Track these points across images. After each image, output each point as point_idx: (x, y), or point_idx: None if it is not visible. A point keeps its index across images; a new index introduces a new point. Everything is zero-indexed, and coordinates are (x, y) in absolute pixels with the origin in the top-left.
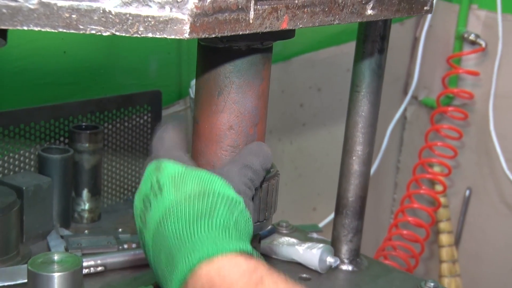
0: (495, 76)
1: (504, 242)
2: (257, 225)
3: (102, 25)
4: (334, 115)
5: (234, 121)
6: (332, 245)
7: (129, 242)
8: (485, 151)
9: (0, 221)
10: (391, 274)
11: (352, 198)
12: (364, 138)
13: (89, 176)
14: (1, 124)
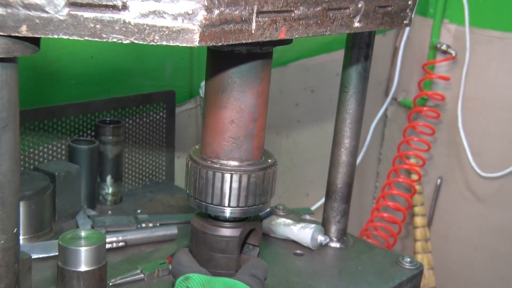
0: (463, 81)
1: (469, 224)
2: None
3: (123, 34)
4: (325, 113)
5: (235, 116)
6: (322, 226)
7: (146, 222)
8: (454, 145)
9: (35, 202)
10: (373, 250)
11: (340, 184)
12: (351, 132)
13: (112, 164)
14: (37, 118)
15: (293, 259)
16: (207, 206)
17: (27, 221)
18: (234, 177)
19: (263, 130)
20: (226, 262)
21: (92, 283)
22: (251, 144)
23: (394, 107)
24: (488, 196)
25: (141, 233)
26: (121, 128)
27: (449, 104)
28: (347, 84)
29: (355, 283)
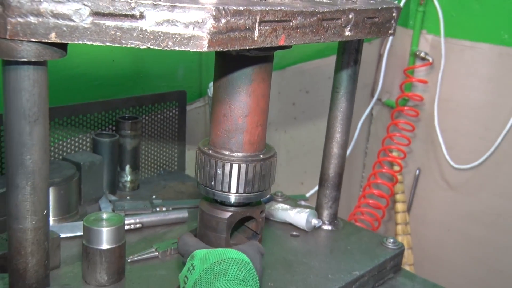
0: (439, 84)
1: (443, 209)
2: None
3: (140, 40)
4: (318, 112)
5: (226, 110)
6: (316, 210)
7: (160, 206)
8: (431, 141)
9: (63, 188)
10: (361, 232)
11: (332, 174)
12: (342, 128)
13: (131, 155)
14: (65, 114)
15: (290, 240)
16: (206, 189)
17: (56, 204)
18: (225, 165)
19: (258, 127)
20: (216, 240)
21: (112, 259)
22: (241, 137)
23: (379, 107)
24: (459, 185)
25: (156, 216)
26: (138, 124)
27: (426, 104)
28: (338, 86)
29: (345, 261)
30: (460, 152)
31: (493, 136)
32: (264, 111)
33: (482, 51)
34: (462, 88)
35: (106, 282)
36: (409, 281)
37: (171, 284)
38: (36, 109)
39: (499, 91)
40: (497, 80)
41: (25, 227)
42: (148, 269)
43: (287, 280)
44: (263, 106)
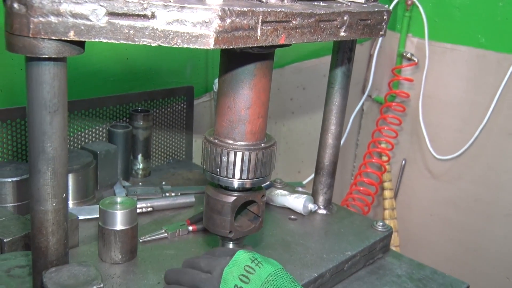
0: (423, 82)
1: (426, 196)
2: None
3: (151, 38)
4: (314, 106)
5: (230, 103)
6: (312, 196)
7: (169, 191)
8: (416, 134)
9: (81, 174)
10: (353, 216)
11: (327, 163)
12: (336, 120)
13: (143, 145)
14: (83, 107)
15: (288, 223)
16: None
17: (75, 189)
18: (230, 153)
19: (259, 118)
20: (221, 222)
21: (126, 240)
22: (244, 128)
23: (369, 103)
24: (441, 174)
25: (165, 201)
26: (150, 116)
27: (412, 100)
28: (333, 81)
29: (338, 242)
30: (441, 144)
31: (471, 130)
32: (265, 103)
33: (462, 53)
34: (444, 87)
35: (120, 260)
36: (396, 261)
37: (179, 262)
38: (56, 101)
39: (477, 89)
40: (475, 79)
41: (46, 208)
42: (158, 248)
43: (285, 259)
44: (264, 99)
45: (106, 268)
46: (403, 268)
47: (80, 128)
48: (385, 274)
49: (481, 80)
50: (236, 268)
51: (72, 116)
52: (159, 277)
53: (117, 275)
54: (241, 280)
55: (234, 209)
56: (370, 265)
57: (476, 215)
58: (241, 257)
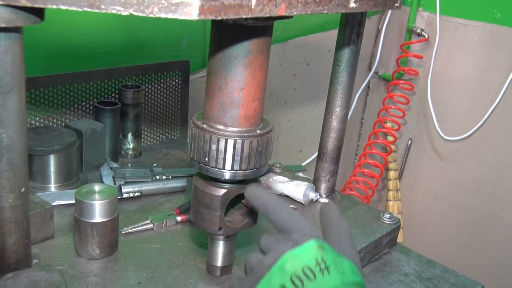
0: (433, 59)
1: (431, 177)
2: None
3: (122, 5)
4: (317, 83)
5: (221, 83)
6: (314, 183)
7: (160, 174)
8: (423, 113)
9: (63, 155)
10: (357, 206)
11: (331, 148)
12: (342, 102)
13: (133, 123)
14: (67, 82)
15: None
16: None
17: (56, 171)
18: (220, 141)
19: (254, 101)
20: (210, 218)
21: (104, 233)
22: (236, 112)
23: (375, 80)
24: (448, 155)
25: (155, 185)
26: (140, 92)
27: (421, 78)
28: (340, 59)
29: None
30: (450, 125)
31: (481, 110)
32: (261, 84)
33: (475, 29)
34: (455, 64)
35: (98, 255)
36: (404, 256)
37: (164, 258)
38: (9, 79)
39: (489, 67)
40: (488, 57)
41: (1, 205)
42: (142, 241)
43: None
44: (261, 79)
45: (82, 265)
46: (411, 266)
47: (64, 104)
48: (392, 272)
49: (494, 58)
50: (293, 264)
51: (55, 91)
52: (140, 276)
53: (94, 272)
54: (293, 283)
55: (224, 203)
56: (376, 261)
57: (483, 197)
58: (306, 252)
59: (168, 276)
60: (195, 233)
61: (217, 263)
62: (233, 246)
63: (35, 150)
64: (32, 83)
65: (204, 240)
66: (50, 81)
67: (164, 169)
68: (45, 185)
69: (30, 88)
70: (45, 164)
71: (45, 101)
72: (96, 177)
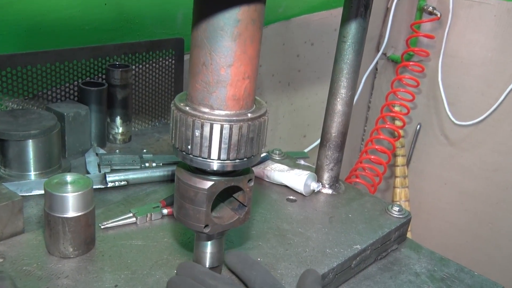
0: (445, 39)
1: (440, 163)
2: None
3: None
4: (322, 64)
5: (206, 58)
6: (315, 173)
7: (150, 161)
8: (433, 96)
9: (42, 141)
10: (363, 198)
11: (334, 133)
12: (348, 82)
13: (121, 105)
14: (48, 60)
15: (286, 205)
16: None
17: (35, 158)
18: (204, 126)
19: (244, 79)
20: (194, 213)
21: (77, 229)
22: (224, 92)
23: (383, 61)
24: (458, 141)
25: (142, 173)
26: (129, 72)
27: (431, 60)
28: (346, 34)
29: (345, 232)
30: (461, 109)
31: (495, 94)
32: (253, 60)
33: (491, 7)
34: (468, 45)
35: (71, 254)
36: (415, 253)
37: (146, 257)
38: None
39: (505, 48)
40: (503, 37)
41: None
42: (122, 237)
43: (279, 254)
44: (252, 53)
45: (53, 264)
46: (422, 264)
47: (45, 85)
48: (401, 271)
49: (510, 38)
50: None
51: (34, 71)
52: (117, 277)
53: (65, 274)
54: None
55: (210, 197)
56: (383, 259)
57: (495, 185)
58: None
59: (149, 278)
60: (182, 228)
61: (204, 264)
62: (223, 245)
63: (10, 135)
64: (8, 61)
65: (192, 236)
66: (29, 59)
67: (155, 155)
68: (23, 173)
69: (6, 66)
70: (22, 150)
71: (23, 81)
72: (81, 164)
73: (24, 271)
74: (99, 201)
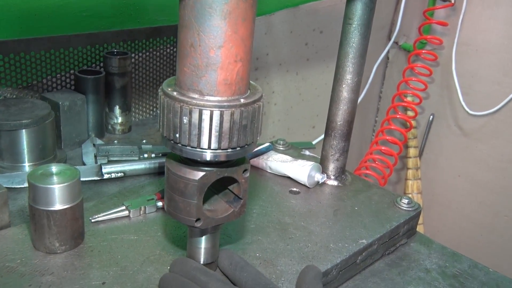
0: (459, 27)
1: (454, 154)
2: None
3: None
4: (332, 53)
5: (194, 39)
6: (320, 163)
7: (149, 152)
8: (447, 86)
9: (34, 130)
10: (371, 189)
11: (340, 122)
12: (354, 67)
13: (120, 94)
14: (42, 47)
15: (288, 198)
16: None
17: (28, 149)
18: (193, 112)
19: (237, 62)
20: (185, 206)
21: (63, 223)
22: (214, 76)
23: (395, 50)
24: (473, 131)
25: (140, 164)
26: (127, 60)
27: (444, 48)
28: (351, 16)
29: (351, 226)
30: (476, 98)
31: (511, 83)
32: (246, 41)
33: None
34: (483, 32)
35: (58, 249)
36: (425, 248)
37: (138, 252)
38: None
39: None
40: None
41: None
42: (113, 232)
43: (279, 249)
44: (244, 34)
45: (38, 260)
46: (433, 259)
47: (40, 73)
48: (410, 267)
49: None
50: None
51: (28, 58)
52: (105, 274)
53: (50, 270)
54: None
55: (202, 189)
56: (391, 254)
57: (511, 177)
58: None
59: (139, 274)
60: (177, 222)
61: (198, 261)
62: (218, 240)
63: (0, 125)
64: (0, 47)
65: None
66: (21, 46)
67: (154, 146)
68: (16, 164)
69: None
70: (14, 140)
71: (16, 69)
72: (77, 155)
73: (6, 268)
74: (94, 193)
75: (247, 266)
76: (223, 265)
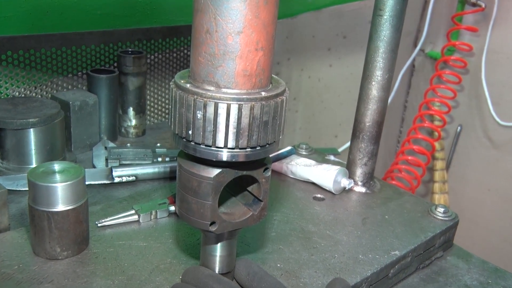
0: (489, 33)
1: (484, 168)
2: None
3: None
4: (356, 59)
5: (210, 24)
6: (347, 168)
7: (163, 156)
8: (476, 95)
9: (43, 130)
10: (402, 197)
11: (369, 123)
12: (385, 63)
13: (134, 96)
14: (54, 45)
15: (312, 204)
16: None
17: (36, 149)
18: (208, 106)
19: (258, 50)
20: (198, 207)
21: (66, 226)
22: (232, 66)
23: (421, 58)
24: (503, 143)
25: (153, 168)
26: (142, 59)
27: (474, 55)
28: (382, 7)
29: (381, 236)
30: (507, 108)
31: None
32: (268, 27)
33: None
34: None
35: (59, 255)
36: (463, 263)
37: (146, 260)
38: None
39: None
40: None
41: None
42: (121, 237)
43: (302, 260)
44: (266, 18)
45: (37, 267)
46: (473, 275)
47: (50, 72)
48: (448, 283)
49: None
50: None
51: (38, 55)
52: (110, 283)
53: (49, 278)
54: None
55: (217, 188)
56: (426, 268)
57: None
58: None
59: (147, 285)
60: (191, 228)
61: (212, 270)
62: (234, 248)
63: (6, 123)
64: (8, 43)
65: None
66: (31, 43)
67: (169, 149)
68: (23, 166)
69: (5, 50)
70: (21, 140)
71: (25, 67)
72: (88, 158)
73: (2, 274)
74: (103, 197)
75: (266, 277)
76: (240, 276)
